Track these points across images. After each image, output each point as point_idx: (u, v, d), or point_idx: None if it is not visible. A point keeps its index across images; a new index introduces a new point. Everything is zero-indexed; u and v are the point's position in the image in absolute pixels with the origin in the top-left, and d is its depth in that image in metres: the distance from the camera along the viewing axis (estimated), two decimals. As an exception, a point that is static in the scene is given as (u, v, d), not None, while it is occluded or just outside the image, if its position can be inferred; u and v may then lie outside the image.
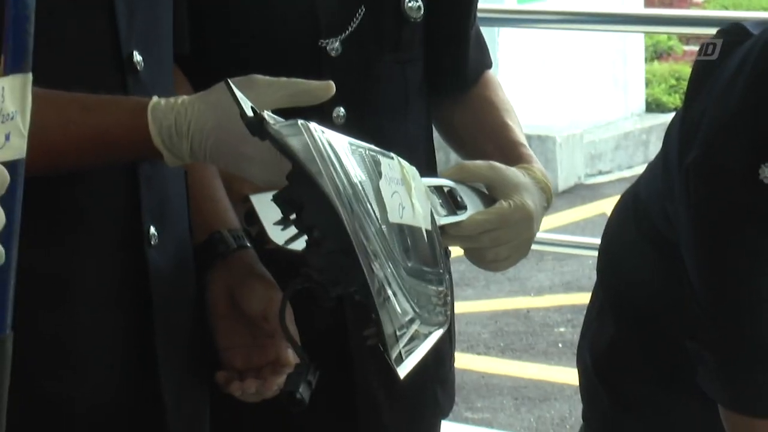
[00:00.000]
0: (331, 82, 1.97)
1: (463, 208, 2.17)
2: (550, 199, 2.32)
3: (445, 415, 2.66)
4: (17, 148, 1.45)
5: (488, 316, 6.91)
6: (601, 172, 9.65)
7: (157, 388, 2.08)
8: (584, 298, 2.89)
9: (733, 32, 2.71)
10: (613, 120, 10.16)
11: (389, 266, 1.84)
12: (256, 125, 1.78)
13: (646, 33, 10.66)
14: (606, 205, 8.54)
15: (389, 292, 1.83)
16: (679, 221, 2.66)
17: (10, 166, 1.44)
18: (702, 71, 2.69)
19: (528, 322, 6.89)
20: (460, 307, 5.26)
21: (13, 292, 1.50)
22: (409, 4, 2.44)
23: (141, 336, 2.07)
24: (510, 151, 2.42)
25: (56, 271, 1.99)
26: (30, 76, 1.46)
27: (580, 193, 8.82)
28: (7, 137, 1.44)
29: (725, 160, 2.55)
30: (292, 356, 2.09)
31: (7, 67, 1.44)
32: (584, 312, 3.13)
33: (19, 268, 1.62)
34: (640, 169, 9.36)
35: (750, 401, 2.65)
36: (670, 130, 2.75)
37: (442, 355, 2.56)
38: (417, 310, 1.88)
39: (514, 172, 2.25)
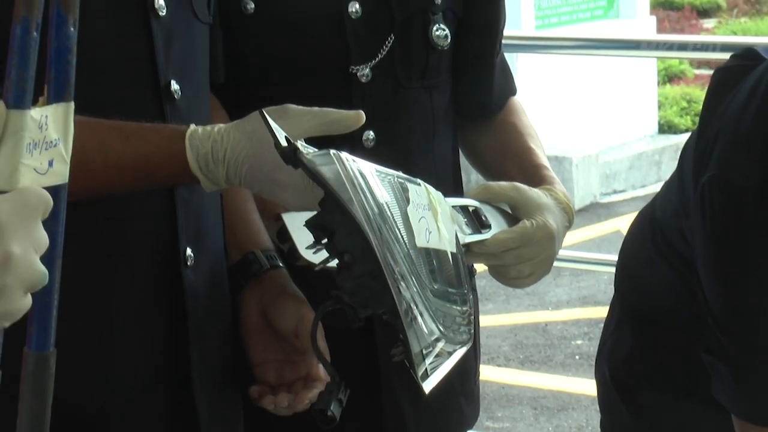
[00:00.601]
0: (361, 112, 1.98)
1: (488, 226, 2.16)
2: (572, 219, 2.32)
3: (470, 426, 2.65)
4: (60, 174, 1.45)
5: (508, 329, 6.91)
6: (615, 191, 9.64)
7: (191, 401, 2.08)
8: (600, 311, 2.89)
9: (746, 57, 2.71)
10: (627, 141, 10.16)
11: (416, 288, 1.84)
12: (290, 154, 1.78)
13: (659, 58, 10.70)
14: (621, 223, 8.54)
15: (416, 313, 1.83)
16: (694, 237, 2.66)
17: (54, 191, 1.43)
18: (716, 94, 2.69)
19: (546, 335, 6.88)
20: (481, 321, 5.27)
21: (57, 311, 1.50)
22: (437, 33, 2.44)
23: (177, 351, 2.07)
24: (533, 174, 2.41)
25: (98, 288, 1.99)
26: (72, 105, 1.46)
27: (595, 211, 8.81)
28: (51, 163, 1.44)
29: (739, 178, 2.55)
30: (322, 372, 2.09)
31: (50, 97, 1.44)
32: (600, 325, 3.14)
33: (63, 285, 1.62)
34: (653, 188, 9.48)
35: (764, 411, 2.65)
36: (686, 151, 2.75)
37: (467, 369, 2.55)
38: (442, 330, 1.88)
39: (536, 193, 2.25)
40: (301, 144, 1.81)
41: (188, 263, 2.06)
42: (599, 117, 9.85)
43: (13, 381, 1.47)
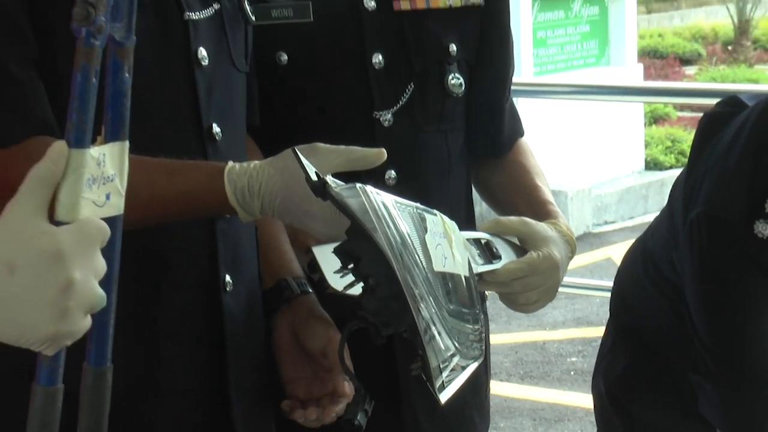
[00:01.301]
0: (384, 150, 1.98)
1: (498, 257, 2.16)
2: (574, 249, 2.31)
3: (481, 437, 2.64)
4: (116, 206, 1.45)
5: (509, 347, 6.90)
6: (606, 222, 9.63)
7: (229, 414, 2.07)
8: (593, 331, 2.89)
9: (730, 104, 2.72)
10: (616, 177, 10.16)
11: (434, 309, 1.84)
12: (320, 187, 1.78)
13: (645, 102, 10.70)
14: (611, 251, 8.53)
15: (434, 331, 1.82)
16: (683, 268, 2.66)
17: (110, 221, 1.44)
18: (703, 137, 2.69)
19: (544, 352, 6.87)
20: (486, 340, 5.30)
21: (113, 330, 1.50)
22: (452, 81, 2.44)
23: (216, 368, 2.06)
24: (539, 209, 2.41)
25: (145, 311, 1.99)
26: (127, 143, 1.46)
27: (588, 240, 8.79)
28: (108, 197, 1.44)
29: (724, 215, 2.55)
30: (348, 388, 2.09)
31: (108, 136, 1.45)
32: (593, 344, 3.14)
33: (116, 308, 1.62)
34: (640, 219, 9.49)
35: (746, 427, 2.65)
36: (675, 188, 2.76)
37: (478, 384, 2.55)
38: (457, 346, 1.87)
39: (543, 227, 2.25)
40: (329, 178, 1.81)
41: (227, 289, 2.05)
42: (592, 155, 9.85)
43: (73, 394, 1.47)
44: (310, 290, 2.17)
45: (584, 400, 6.09)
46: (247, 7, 2.17)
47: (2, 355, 1.47)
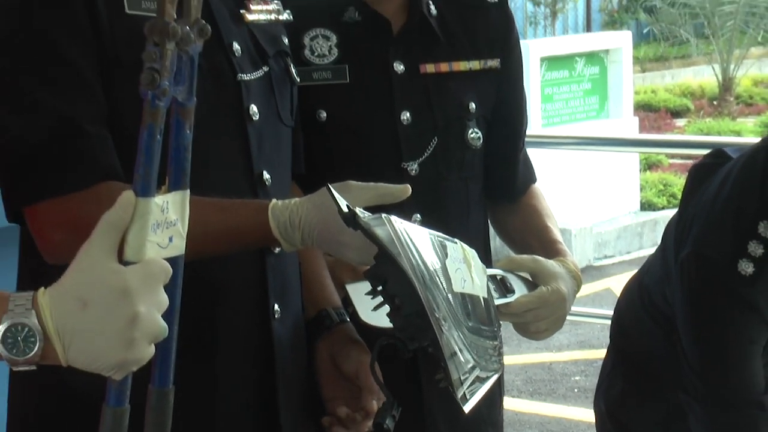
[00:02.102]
0: (408, 186, 1.98)
1: (512, 291, 2.15)
2: (580, 284, 2.30)
3: (494, 449, 2.62)
4: (178, 247, 1.46)
5: (520, 367, 6.86)
6: (606, 257, 9.58)
7: (277, 428, 2.06)
8: (594, 353, 2.88)
9: (717, 155, 2.73)
10: (615, 216, 10.12)
11: (454, 326, 1.83)
12: (350, 219, 1.79)
13: (641, 153, 10.70)
14: (611, 283, 8.49)
15: (454, 347, 1.81)
16: (675, 301, 2.65)
17: (172, 261, 1.44)
18: (693, 184, 2.69)
19: (551, 372, 6.83)
20: (500, 361, 5.30)
21: (174, 357, 1.50)
22: (471, 135, 2.44)
23: (266, 387, 2.06)
24: (550, 247, 2.40)
25: (204, 337, 1.98)
26: (188, 192, 1.47)
27: (590, 273, 8.74)
28: (171, 239, 1.44)
29: (712, 254, 2.54)
30: (376, 405, 2.06)
31: (171, 185, 1.45)
32: (594, 364, 3.13)
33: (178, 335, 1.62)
34: (636, 254, 9.45)
35: None
36: (668, 230, 2.76)
37: (493, 400, 2.54)
38: (477, 360, 1.86)
39: (552, 264, 2.24)
40: (359, 210, 1.81)
41: (276, 317, 2.05)
42: (593, 197, 9.83)
43: (138, 414, 1.47)
44: (347, 320, 2.16)
45: (587, 415, 6.04)
46: (293, 70, 2.17)
47: (76, 379, 1.46)
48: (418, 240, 1.85)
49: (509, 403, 6.71)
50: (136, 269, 1.39)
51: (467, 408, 1.83)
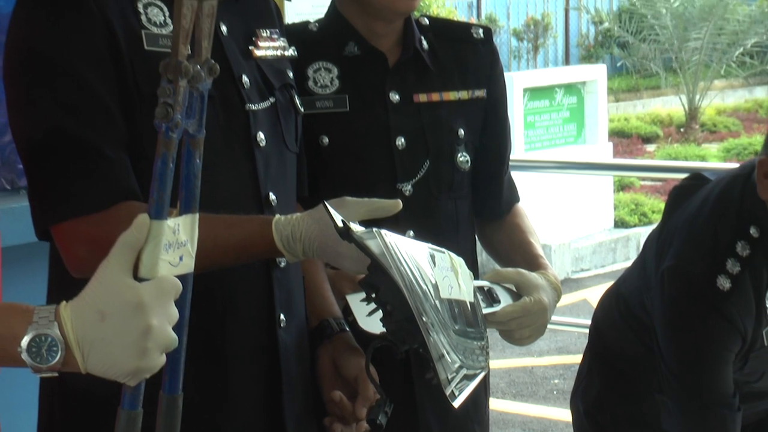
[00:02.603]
0: (399, 201, 1.98)
1: (498, 301, 2.15)
2: (560, 295, 2.30)
3: (480, 445, 2.62)
4: (187, 265, 1.46)
5: (504, 371, 6.85)
6: (582, 270, 9.57)
7: (282, 425, 2.06)
8: (572, 359, 2.88)
9: (696, 178, 2.75)
10: (591, 233, 10.10)
11: (441, 329, 1.83)
12: (345, 233, 1.79)
13: (614, 176, 10.72)
14: (587, 294, 8.48)
15: (442, 350, 1.81)
16: (654, 308, 2.66)
17: (182, 278, 1.45)
18: (674, 203, 2.70)
19: (532, 375, 6.82)
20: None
21: (183, 366, 1.51)
22: (460, 159, 2.45)
23: (272, 390, 2.05)
24: (532, 261, 2.40)
25: (215, 343, 1.98)
26: (197, 215, 1.47)
27: (568, 285, 8.73)
28: (181, 258, 1.45)
29: (691, 269, 2.55)
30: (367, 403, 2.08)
31: (182, 209, 1.46)
32: (572, 368, 3.12)
33: (190, 340, 1.61)
34: (610, 268, 9.46)
35: None
36: (648, 243, 2.78)
37: (479, 401, 2.54)
38: (464, 360, 1.86)
39: (534, 276, 2.23)
40: (353, 225, 1.81)
41: (281, 325, 2.04)
42: (571, 215, 9.82)
43: (150, 418, 1.47)
44: (347, 329, 2.15)
45: (565, 415, 6.00)
46: (297, 101, 2.16)
47: (94, 385, 1.46)
48: (407, 251, 1.85)
49: (494, 404, 6.71)
50: (149, 285, 1.40)
51: (456, 403, 1.82)
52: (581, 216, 10.04)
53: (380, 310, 1.83)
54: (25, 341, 1.39)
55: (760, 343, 2.59)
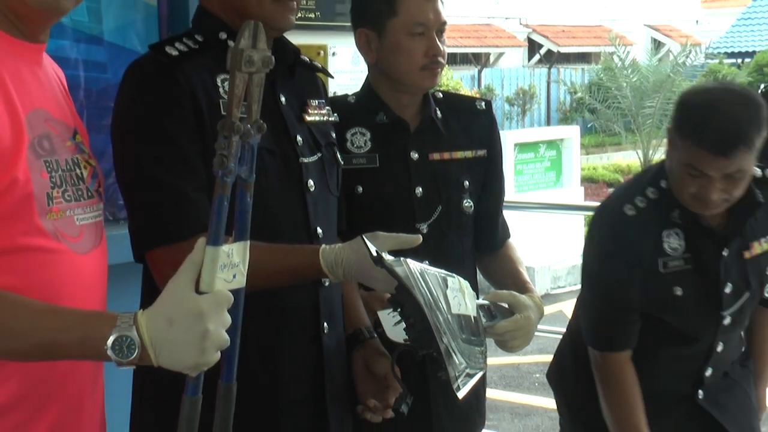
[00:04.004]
0: (419, 236, 1.96)
1: (495, 317, 2.13)
2: (543, 313, 2.27)
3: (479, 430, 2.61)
4: (240, 282, 1.45)
5: (496, 366, 6.80)
6: (559, 287, 9.53)
7: (325, 415, 2.05)
8: (550, 358, 2.84)
9: None
10: (566, 258, 10.06)
11: (451, 338, 1.83)
12: (378, 260, 1.79)
13: (585, 214, 10.68)
14: (562, 306, 8.45)
15: (452, 353, 1.81)
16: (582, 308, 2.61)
17: (235, 292, 1.44)
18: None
19: (518, 370, 6.78)
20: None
21: (237, 362, 1.50)
22: (466, 205, 2.44)
23: (318, 385, 2.04)
24: (521, 286, 2.39)
25: (271, 345, 1.97)
26: (248, 242, 1.46)
27: (547, 299, 8.70)
28: (234, 276, 1.44)
29: (608, 202, 2.53)
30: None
31: (236, 238, 1.45)
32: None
33: (253, 346, 1.59)
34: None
35: (603, 343, 2.53)
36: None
37: (479, 395, 2.54)
38: (468, 362, 1.86)
39: (524, 298, 2.21)
40: (384, 254, 1.81)
41: (325, 332, 2.03)
42: (550, 243, 9.79)
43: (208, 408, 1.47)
44: (375, 336, 2.15)
45: (544, 402, 6.02)
46: (339, 156, 2.17)
47: (165, 375, 1.46)
48: (426, 276, 1.85)
49: (488, 394, 6.61)
50: (207, 297, 1.40)
51: (461, 395, 1.82)
52: (558, 244, 10.01)
53: (404, 322, 1.83)
54: (110, 341, 1.39)
55: (657, 271, 2.41)
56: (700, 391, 2.52)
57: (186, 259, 1.41)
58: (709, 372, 2.51)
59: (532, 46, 23.28)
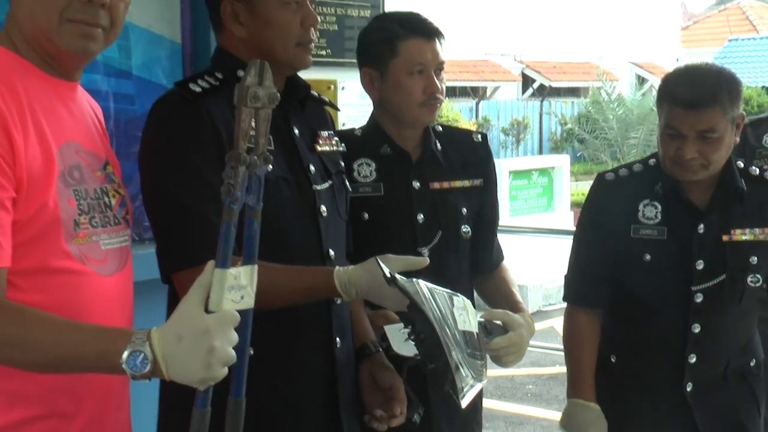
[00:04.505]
0: (426, 258, 1.96)
1: (491, 333, 2.14)
2: (534, 330, 2.27)
3: (477, 438, 2.59)
4: (247, 303, 1.45)
5: (492, 378, 6.75)
6: (550, 305, 9.48)
7: (339, 421, 2.04)
8: (542, 370, 2.83)
9: None
10: (556, 277, 10.04)
11: (458, 352, 1.83)
12: (391, 280, 1.79)
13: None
14: (553, 322, 8.36)
15: (459, 367, 1.82)
16: None
17: (243, 312, 1.44)
18: None
19: (513, 382, 6.74)
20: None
21: (246, 378, 1.49)
22: (463, 230, 2.44)
23: (330, 394, 2.03)
24: (515, 305, 2.38)
25: (286, 360, 1.96)
26: (256, 266, 1.46)
27: (539, 315, 8.63)
28: (242, 297, 1.43)
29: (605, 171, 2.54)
30: (400, 409, 2.07)
31: (244, 261, 1.45)
32: (542, 377, 3.02)
33: (269, 358, 1.57)
34: (571, 304, 9.31)
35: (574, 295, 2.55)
36: None
37: (477, 406, 2.54)
38: (472, 375, 1.86)
39: (517, 317, 2.21)
40: (396, 274, 1.82)
41: (337, 346, 2.03)
42: (543, 264, 9.78)
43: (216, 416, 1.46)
44: (381, 350, 2.14)
45: (536, 411, 5.99)
46: (347, 184, 2.17)
47: (176, 388, 1.46)
48: (435, 295, 1.86)
49: (484, 403, 6.61)
50: (214, 316, 1.40)
51: (464, 404, 1.83)
52: (550, 264, 10.01)
53: (415, 338, 1.83)
54: (124, 355, 1.40)
55: (628, 236, 2.39)
56: (690, 384, 2.39)
57: (196, 281, 1.41)
58: (693, 359, 2.37)
59: (526, 81, 23.32)
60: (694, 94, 2.26)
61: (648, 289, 2.38)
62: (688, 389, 2.39)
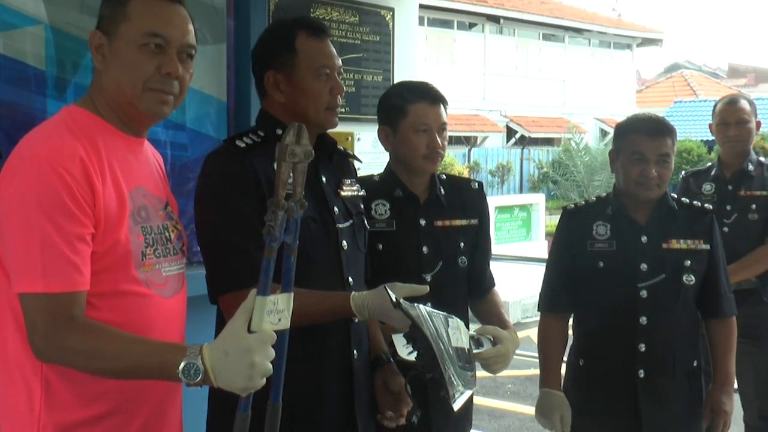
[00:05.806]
0: (428, 286, 1.93)
1: (482, 345, 2.13)
2: (518, 344, 2.24)
3: (467, 434, 2.56)
4: (284, 325, 1.44)
5: (478, 379, 6.71)
6: (528, 317, 9.46)
7: (354, 422, 2.02)
8: (519, 372, 2.80)
9: None
10: (533, 294, 10.02)
11: (451, 365, 1.82)
12: (396, 304, 1.79)
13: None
14: (530, 333, 8.36)
15: (452, 378, 1.81)
16: None
17: (280, 333, 1.43)
18: None
19: (494, 381, 6.70)
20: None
21: (282, 386, 1.48)
22: (461, 261, 2.42)
23: (349, 398, 2.01)
24: (503, 323, 2.36)
25: (312, 370, 1.94)
26: (292, 294, 1.45)
27: (518, 327, 8.61)
28: (279, 320, 1.43)
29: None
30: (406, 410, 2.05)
31: (282, 289, 1.44)
32: (520, 378, 2.98)
33: (297, 368, 1.56)
34: (545, 318, 9.27)
35: (541, 305, 2.61)
36: None
37: (468, 407, 2.49)
38: (463, 383, 1.85)
39: (505, 333, 2.20)
40: (401, 300, 1.80)
41: (355, 357, 2.01)
42: (521, 284, 9.76)
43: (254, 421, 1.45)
44: (393, 360, 2.12)
45: (515, 407, 5.94)
46: (365, 222, 2.16)
47: (223, 392, 1.45)
48: (433, 317, 1.85)
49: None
50: (255, 336, 1.39)
51: (456, 407, 1.82)
52: (528, 284, 9.98)
53: (415, 352, 1.82)
54: (181, 366, 1.40)
55: (585, 250, 2.47)
56: (642, 371, 2.42)
57: (241, 305, 1.41)
58: (642, 348, 2.41)
59: (510, 132, 23.43)
60: (656, 125, 2.43)
61: (603, 290, 2.46)
62: (641, 375, 2.42)
